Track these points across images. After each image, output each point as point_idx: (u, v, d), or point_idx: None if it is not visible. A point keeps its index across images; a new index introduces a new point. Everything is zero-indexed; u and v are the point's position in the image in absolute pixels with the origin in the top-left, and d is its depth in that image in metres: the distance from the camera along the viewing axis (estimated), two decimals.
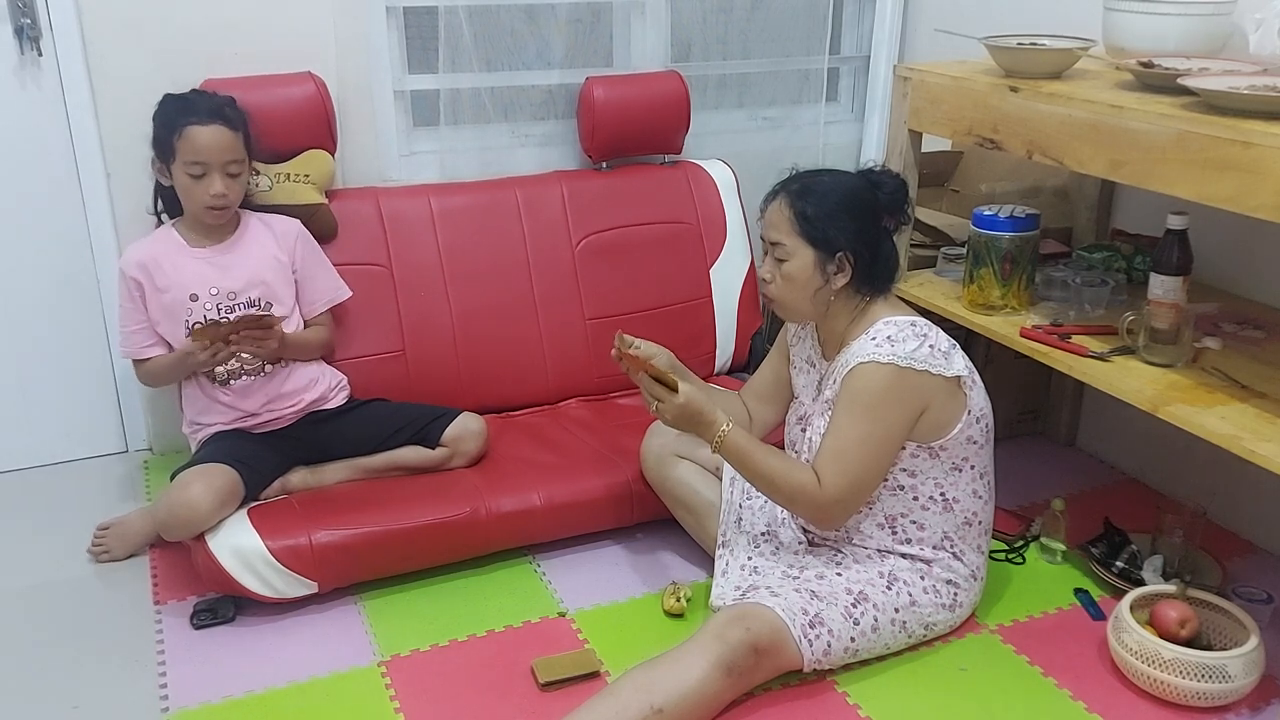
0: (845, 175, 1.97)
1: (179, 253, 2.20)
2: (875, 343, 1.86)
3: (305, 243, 2.34)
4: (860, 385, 1.85)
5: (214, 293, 2.18)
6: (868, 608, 1.88)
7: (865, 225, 1.92)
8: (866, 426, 1.85)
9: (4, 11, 2.31)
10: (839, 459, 1.86)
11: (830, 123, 3.15)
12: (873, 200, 1.93)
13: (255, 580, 2.01)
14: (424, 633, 2.03)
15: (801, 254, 1.91)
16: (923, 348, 1.85)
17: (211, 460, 2.10)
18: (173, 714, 1.83)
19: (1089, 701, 1.86)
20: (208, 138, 2.11)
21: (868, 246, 1.91)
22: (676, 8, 2.90)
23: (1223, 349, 1.97)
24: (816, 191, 1.91)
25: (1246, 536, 2.35)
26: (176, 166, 2.13)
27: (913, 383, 1.84)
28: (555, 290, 2.68)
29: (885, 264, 1.94)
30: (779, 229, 1.93)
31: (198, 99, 2.21)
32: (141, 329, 2.20)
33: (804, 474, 1.87)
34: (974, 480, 1.96)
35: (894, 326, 1.88)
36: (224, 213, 2.18)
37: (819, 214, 1.89)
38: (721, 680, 1.73)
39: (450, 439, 2.30)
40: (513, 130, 2.82)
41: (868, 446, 1.86)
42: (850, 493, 1.88)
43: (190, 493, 2.00)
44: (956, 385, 1.89)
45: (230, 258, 2.22)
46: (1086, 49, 2.09)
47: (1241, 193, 1.62)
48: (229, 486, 2.06)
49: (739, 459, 1.90)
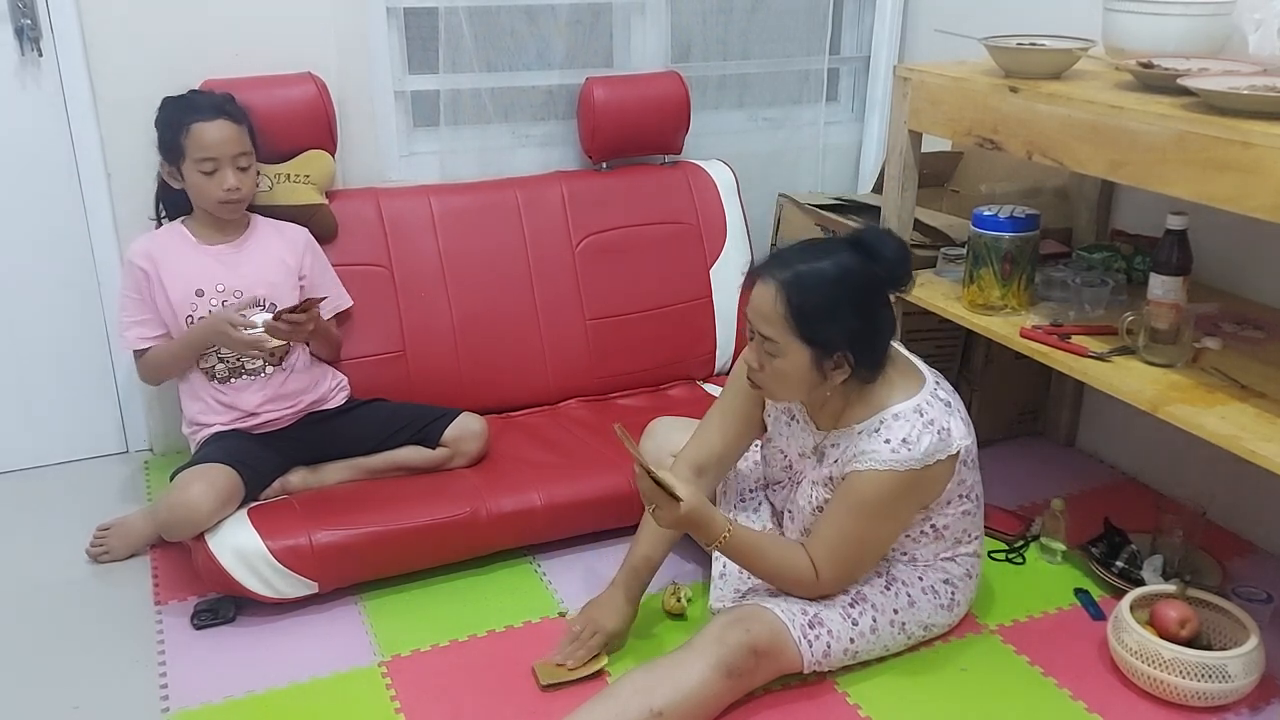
0: (839, 253, 1.77)
1: (188, 248, 2.21)
2: (890, 447, 1.76)
3: (314, 251, 2.35)
4: (872, 491, 1.78)
5: (220, 289, 2.19)
6: (866, 608, 1.88)
7: (866, 318, 1.77)
8: (873, 528, 1.83)
9: (4, 11, 2.31)
10: (839, 556, 1.83)
11: (830, 123, 3.15)
12: (871, 278, 1.77)
13: (256, 581, 2.01)
14: (424, 633, 2.03)
15: (795, 353, 1.75)
16: (933, 439, 1.77)
17: (211, 460, 2.10)
18: (173, 714, 1.83)
19: (1089, 701, 1.86)
20: (215, 133, 2.13)
21: (867, 337, 1.77)
22: (676, 8, 2.90)
23: (1223, 349, 1.97)
24: (811, 282, 1.73)
25: (1246, 536, 2.35)
26: (187, 166, 2.14)
27: (925, 478, 1.80)
28: (555, 291, 2.68)
29: (884, 341, 1.82)
30: (770, 323, 1.75)
31: (198, 98, 2.22)
32: (144, 320, 2.20)
33: (801, 568, 1.83)
34: (962, 503, 1.91)
35: (906, 423, 1.77)
36: (239, 206, 2.20)
37: (816, 311, 1.72)
38: (721, 682, 1.73)
39: (451, 439, 2.31)
40: (513, 131, 2.82)
41: (871, 545, 1.86)
42: (847, 580, 1.88)
43: (190, 493, 2.00)
44: (956, 455, 1.82)
45: (239, 256, 2.23)
46: (1086, 49, 2.09)
47: (1241, 193, 1.62)
48: (229, 486, 2.06)
49: (738, 556, 1.87)
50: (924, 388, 1.83)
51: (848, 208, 2.80)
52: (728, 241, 2.85)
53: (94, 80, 2.39)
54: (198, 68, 2.39)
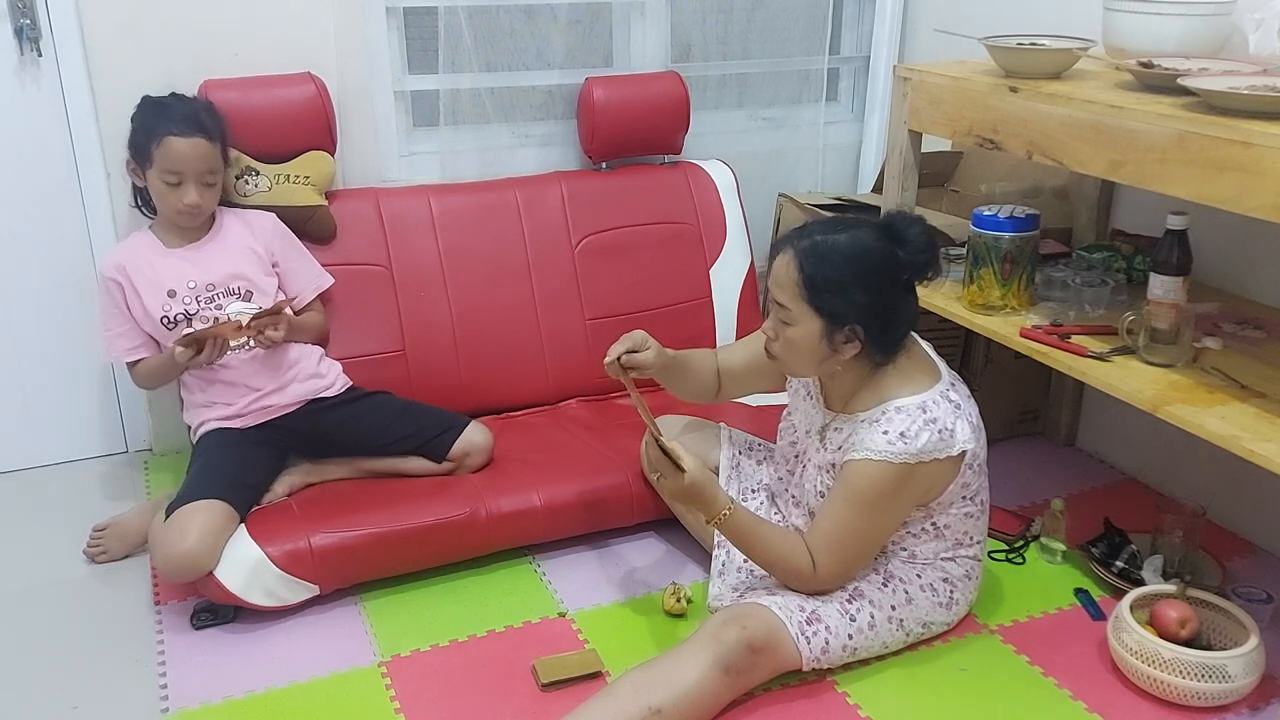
0: (863, 232, 1.80)
1: (155, 254, 2.22)
2: (888, 439, 1.77)
3: (281, 235, 2.34)
4: (865, 483, 1.79)
5: (191, 286, 2.19)
6: (864, 604, 1.88)
7: (879, 294, 1.78)
8: (868, 519, 1.83)
9: (4, 11, 2.31)
10: (835, 547, 1.83)
11: (830, 123, 3.15)
12: (892, 261, 1.78)
13: (260, 594, 2.00)
14: (424, 633, 2.03)
15: (806, 321, 1.79)
16: (932, 437, 1.78)
17: (202, 490, 2.05)
18: (173, 714, 1.83)
19: (1089, 701, 1.86)
20: (186, 149, 2.13)
21: (879, 316, 1.78)
22: (676, 8, 2.90)
23: (1223, 349, 1.97)
24: (828, 254, 1.76)
25: (1246, 536, 2.34)
26: (152, 172, 2.16)
27: (920, 473, 1.80)
28: (555, 290, 2.68)
29: (900, 326, 1.83)
30: (784, 290, 1.80)
31: (176, 105, 2.22)
32: (125, 332, 2.21)
33: (799, 558, 1.84)
34: (965, 505, 1.92)
35: (906, 417, 1.78)
36: (196, 219, 2.21)
37: (828, 282, 1.75)
38: (719, 680, 1.73)
39: (458, 455, 2.30)
40: (513, 130, 2.82)
41: (866, 537, 1.85)
42: (845, 575, 1.88)
43: (186, 545, 1.95)
44: (959, 457, 1.83)
45: (205, 253, 2.24)
46: (1086, 49, 2.09)
47: (1241, 193, 1.62)
48: (223, 523, 2.01)
49: (736, 538, 1.88)
50: (935, 386, 1.83)
51: (848, 208, 2.81)
52: (727, 241, 2.85)
53: (94, 80, 2.39)
54: (198, 67, 2.40)
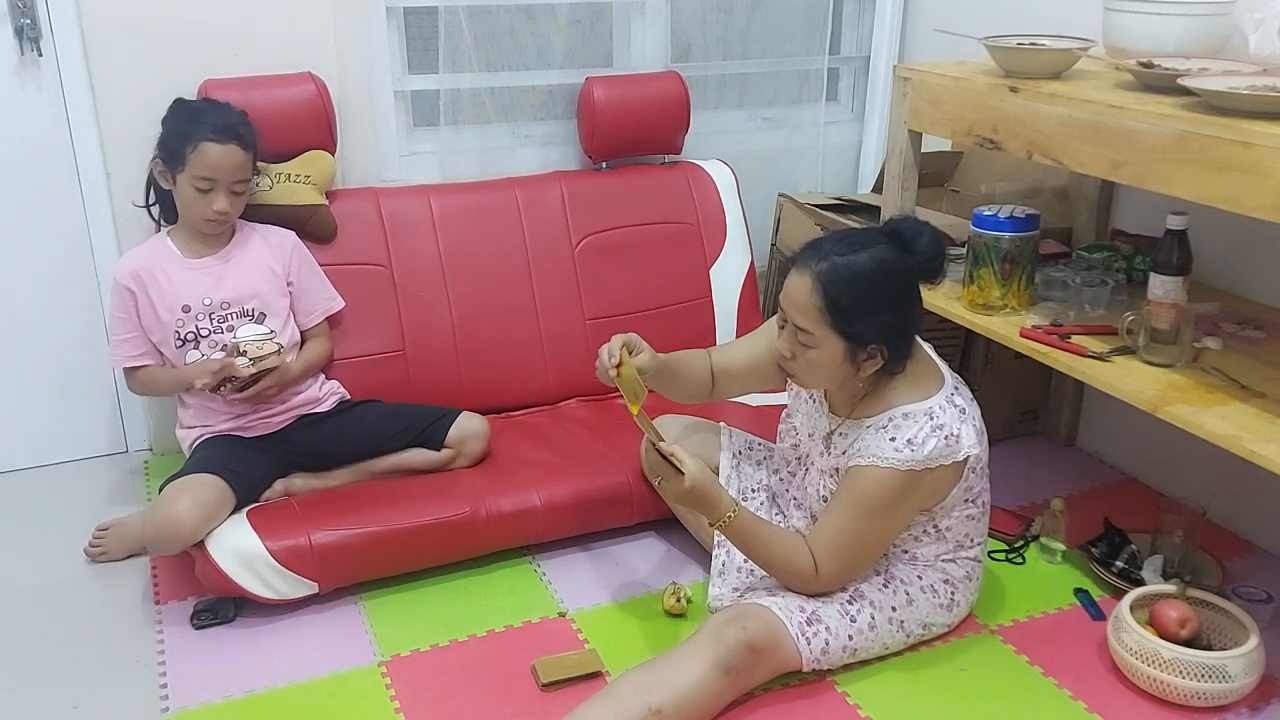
0: (876, 245, 1.77)
1: (173, 263, 2.20)
2: (895, 445, 1.77)
3: (300, 255, 2.34)
4: (871, 489, 1.79)
5: (207, 303, 2.18)
6: (864, 605, 1.88)
7: (899, 308, 1.78)
8: (872, 524, 1.82)
9: (4, 11, 2.31)
10: (838, 551, 1.83)
11: (830, 123, 3.15)
12: (906, 270, 1.78)
13: (256, 582, 2.00)
14: (424, 633, 2.03)
15: (830, 344, 1.76)
16: (939, 443, 1.77)
17: (199, 470, 2.07)
18: (173, 714, 1.83)
19: (1089, 701, 1.86)
20: (222, 157, 2.12)
21: (900, 330, 1.79)
22: (676, 8, 2.90)
23: (1223, 349, 1.97)
24: (853, 279, 1.73)
25: (1246, 536, 2.34)
26: (183, 176, 2.13)
27: (926, 479, 1.80)
28: (555, 290, 2.68)
29: (913, 334, 1.83)
30: (805, 314, 1.75)
31: (213, 112, 2.19)
32: (132, 338, 2.21)
33: (801, 560, 1.84)
34: (967, 508, 1.92)
35: (914, 424, 1.78)
36: (222, 226, 2.20)
37: (854, 306, 1.73)
38: (719, 680, 1.73)
39: (455, 440, 2.30)
40: (513, 130, 2.83)
41: (870, 542, 1.85)
42: (846, 578, 1.88)
43: (175, 509, 1.97)
44: (964, 462, 1.83)
45: (225, 268, 2.22)
46: (1086, 49, 2.09)
47: (1241, 193, 1.62)
48: (216, 498, 2.03)
49: (739, 540, 1.87)
50: (940, 391, 1.83)
51: (848, 208, 2.81)
52: (727, 241, 2.85)
53: (94, 80, 2.39)
54: (198, 67, 2.39)
